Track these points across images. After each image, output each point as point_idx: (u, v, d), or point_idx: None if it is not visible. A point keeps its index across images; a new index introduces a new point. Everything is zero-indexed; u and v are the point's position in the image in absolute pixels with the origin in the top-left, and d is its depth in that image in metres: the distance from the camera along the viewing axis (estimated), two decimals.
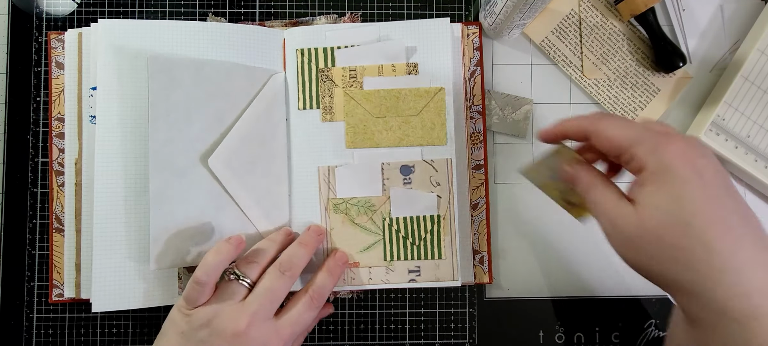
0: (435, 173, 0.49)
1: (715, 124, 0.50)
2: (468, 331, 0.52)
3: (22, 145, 0.51)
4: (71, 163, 0.49)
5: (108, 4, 0.52)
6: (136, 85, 0.47)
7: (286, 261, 0.44)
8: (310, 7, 0.52)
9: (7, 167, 0.51)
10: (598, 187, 0.34)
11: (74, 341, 0.50)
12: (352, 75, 0.50)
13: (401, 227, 0.49)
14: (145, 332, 0.51)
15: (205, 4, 0.52)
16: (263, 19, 0.52)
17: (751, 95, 0.50)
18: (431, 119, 0.49)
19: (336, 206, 0.49)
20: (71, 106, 0.49)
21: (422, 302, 0.52)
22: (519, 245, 0.52)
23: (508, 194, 0.52)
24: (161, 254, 0.44)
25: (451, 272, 0.49)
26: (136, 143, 0.47)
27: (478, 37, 0.51)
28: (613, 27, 0.53)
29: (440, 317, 0.52)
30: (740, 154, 0.50)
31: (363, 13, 0.52)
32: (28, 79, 0.51)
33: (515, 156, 0.52)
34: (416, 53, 0.50)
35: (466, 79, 0.51)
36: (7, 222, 0.51)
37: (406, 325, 0.52)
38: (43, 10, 0.51)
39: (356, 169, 0.49)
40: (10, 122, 0.51)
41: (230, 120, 0.47)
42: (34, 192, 0.51)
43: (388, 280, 0.49)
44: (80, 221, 0.48)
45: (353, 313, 0.52)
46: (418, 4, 0.53)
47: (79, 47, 0.49)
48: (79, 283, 0.48)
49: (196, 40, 0.48)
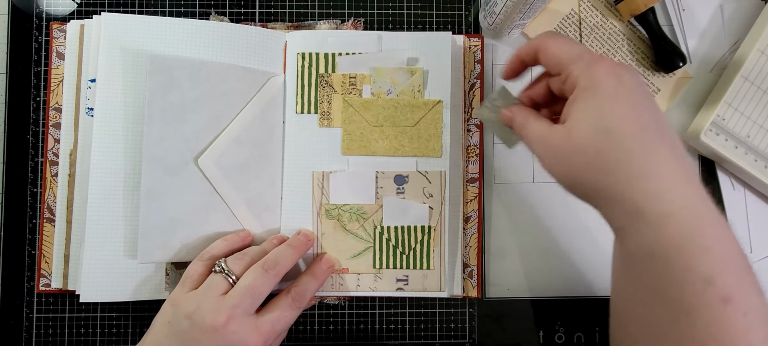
0: (428, 184, 0.49)
1: (715, 124, 0.50)
2: (468, 331, 0.52)
3: (22, 145, 0.51)
4: (66, 154, 0.49)
5: (108, 4, 0.52)
6: (136, 80, 0.47)
7: (271, 260, 0.44)
8: (310, 9, 0.52)
9: (7, 167, 0.51)
10: (531, 120, 0.37)
11: (74, 341, 0.50)
12: (351, 82, 0.50)
13: (392, 236, 0.49)
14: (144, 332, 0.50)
15: (205, 3, 0.52)
16: (264, 20, 0.52)
17: (751, 95, 0.50)
18: (428, 131, 0.49)
19: (328, 211, 0.49)
20: (69, 97, 0.49)
21: (422, 302, 0.52)
22: (519, 244, 0.52)
23: (508, 194, 0.52)
24: (149, 249, 0.44)
25: (438, 282, 0.49)
26: (133, 138, 0.47)
27: (480, 50, 0.51)
28: (613, 27, 0.53)
29: (440, 317, 0.52)
30: (740, 154, 0.50)
31: (364, 18, 0.52)
32: (28, 79, 0.51)
33: (516, 157, 0.52)
34: (417, 65, 0.50)
35: (465, 92, 0.51)
36: (7, 222, 0.50)
37: (406, 325, 0.51)
38: (43, 10, 0.52)
39: (351, 177, 0.49)
40: (10, 122, 0.51)
41: (226, 121, 0.47)
42: (33, 192, 0.50)
43: (375, 287, 0.49)
44: (71, 212, 0.48)
45: (353, 313, 0.51)
46: (418, 4, 0.53)
47: (80, 39, 0.49)
48: (67, 274, 0.48)
49: (198, 39, 0.48)
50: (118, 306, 0.50)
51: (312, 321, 0.51)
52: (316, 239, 0.49)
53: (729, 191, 0.53)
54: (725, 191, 0.53)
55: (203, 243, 0.47)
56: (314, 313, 0.51)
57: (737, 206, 0.53)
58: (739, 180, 0.53)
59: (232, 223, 0.48)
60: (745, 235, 0.52)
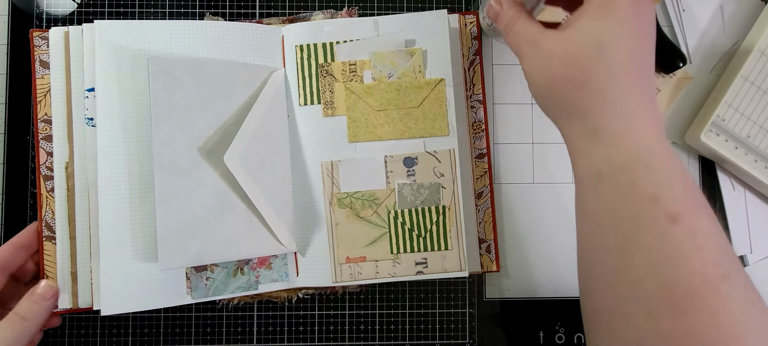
0: (438, 163, 0.49)
1: (715, 124, 0.50)
2: (468, 331, 0.52)
3: (22, 145, 0.50)
4: (61, 167, 0.46)
5: (108, 4, 0.51)
6: (136, 85, 0.45)
7: None
8: (310, 5, 0.52)
9: (7, 168, 0.50)
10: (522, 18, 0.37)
11: (74, 342, 0.49)
12: (352, 69, 0.49)
13: (406, 219, 0.49)
14: (145, 332, 0.50)
15: (205, 3, 0.51)
16: (260, 17, 0.52)
17: (751, 95, 0.50)
18: (433, 110, 0.49)
19: (340, 200, 0.49)
20: (59, 108, 0.47)
21: (422, 302, 0.52)
22: (519, 245, 0.53)
23: (508, 195, 0.53)
24: (169, 254, 0.43)
25: (458, 262, 0.49)
26: (138, 144, 0.45)
27: (475, 26, 0.52)
28: None
29: (440, 317, 0.52)
30: (740, 154, 0.50)
31: (358, 5, 0.52)
32: (29, 79, 0.49)
33: (516, 158, 0.53)
34: (415, 46, 0.50)
35: (465, 70, 0.51)
36: (8, 223, 0.49)
37: (406, 325, 0.51)
38: (43, 10, 0.50)
39: (359, 163, 0.49)
40: (10, 123, 0.50)
41: (232, 118, 0.46)
42: (34, 193, 0.49)
43: (395, 273, 0.49)
44: (74, 228, 0.46)
45: (353, 313, 0.51)
46: (418, 5, 0.53)
47: (65, 46, 0.47)
48: (76, 292, 0.46)
49: (195, 40, 0.47)
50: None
51: (312, 321, 0.51)
52: (330, 230, 0.48)
53: (729, 191, 0.53)
54: (725, 191, 0.53)
55: (221, 244, 0.45)
56: (314, 313, 0.51)
57: (737, 206, 0.53)
58: (739, 180, 0.53)
59: (250, 221, 0.47)
60: (745, 235, 0.52)
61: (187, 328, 0.50)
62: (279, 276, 0.49)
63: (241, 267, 0.48)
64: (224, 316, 0.50)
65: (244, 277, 0.48)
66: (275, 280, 0.49)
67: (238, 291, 0.48)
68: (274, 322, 0.51)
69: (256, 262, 0.49)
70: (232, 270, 0.48)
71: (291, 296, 0.50)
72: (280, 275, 0.49)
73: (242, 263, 0.48)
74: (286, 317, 0.51)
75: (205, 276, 0.47)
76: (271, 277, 0.49)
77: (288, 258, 0.49)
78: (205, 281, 0.47)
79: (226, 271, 0.48)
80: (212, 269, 0.47)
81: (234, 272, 0.48)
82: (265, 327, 0.51)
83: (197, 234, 0.44)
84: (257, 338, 0.50)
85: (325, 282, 0.49)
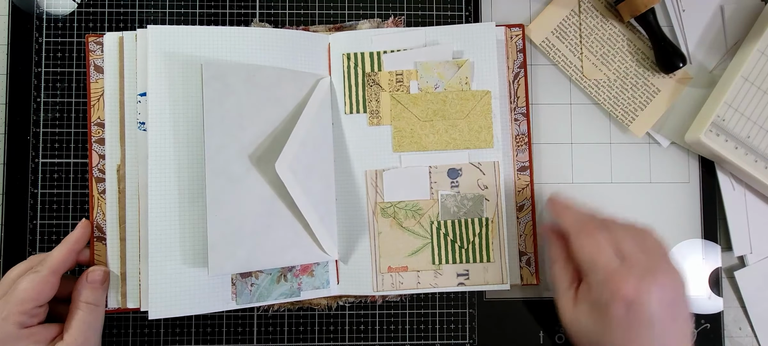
0: (482, 176, 0.49)
1: (715, 124, 0.50)
2: (468, 331, 0.52)
3: (22, 146, 0.50)
4: (113, 169, 0.47)
5: (108, 5, 0.51)
6: (187, 91, 0.46)
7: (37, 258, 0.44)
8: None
9: (8, 168, 0.50)
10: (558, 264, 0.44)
11: None
12: (398, 79, 0.50)
13: (449, 230, 0.49)
14: (145, 332, 0.50)
15: (206, 4, 0.52)
16: (294, 23, 0.52)
17: (751, 96, 0.50)
18: (478, 122, 0.49)
19: (384, 209, 0.49)
20: (112, 112, 0.48)
21: (422, 302, 0.52)
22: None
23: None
24: (219, 261, 0.43)
25: (500, 275, 0.49)
26: (189, 149, 0.46)
27: (521, 39, 0.52)
28: (613, 28, 0.53)
29: (440, 318, 0.52)
30: (740, 154, 0.50)
31: (399, 15, 0.52)
32: (29, 79, 0.50)
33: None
34: (462, 57, 0.50)
35: (510, 82, 0.51)
36: (8, 223, 0.50)
37: (406, 325, 0.51)
38: (43, 10, 0.51)
39: (403, 173, 0.49)
40: (11, 123, 0.50)
41: (280, 125, 0.47)
42: (34, 193, 0.50)
43: (436, 284, 0.49)
44: (124, 229, 0.47)
45: (353, 313, 0.51)
46: (418, 4, 0.52)
47: (120, 51, 0.48)
48: (125, 292, 0.46)
49: (244, 46, 0.47)
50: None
51: (312, 321, 0.51)
52: (373, 238, 0.49)
53: (729, 191, 0.52)
54: (725, 191, 0.52)
55: (269, 251, 0.46)
56: (314, 313, 0.51)
57: (737, 206, 0.52)
58: (739, 180, 0.52)
59: (295, 228, 0.47)
60: (745, 235, 0.52)
61: (188, 328, 0.50)
62: (321, 284, 0.49)
63: (285, 274, 0.49)
64: (224, 316, 0.50)
65: (287, 284, 0.49)
66: (317, 287, 0.49)
67: (281, 298, 0.48)
68: (274, 322, 0.51)
69: (298, 269, 0.49)
70: (276, 277, 0.48)
71: (331, 303, 0.51)
72: (321, 282, 0.49)
73: (285, 269, 0.49)
74: (285, 317, 0.51)
75: (250, 282, 0.48)
76: (313, 284, 0.49)
77: (329, 266, 0.50)
78: (250, 287, 0.47)
79: (271, 277, 0.48)
80: (257, 276, 0.48)
81: (278, 278, 0.48)
82: (265, 327, 0.51)
83: (246, 241, 0.45)
84: (257, 338, 0.51)
85: (366, 291, 0.49)
